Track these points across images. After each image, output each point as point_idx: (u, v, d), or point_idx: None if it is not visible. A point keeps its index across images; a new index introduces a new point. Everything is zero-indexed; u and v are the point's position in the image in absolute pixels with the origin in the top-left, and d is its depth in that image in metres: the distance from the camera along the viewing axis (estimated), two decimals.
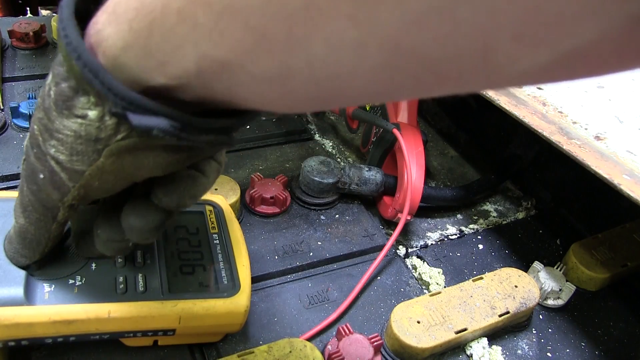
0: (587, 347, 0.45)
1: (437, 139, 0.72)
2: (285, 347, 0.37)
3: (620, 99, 0.49)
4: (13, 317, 0.31)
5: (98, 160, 0.25)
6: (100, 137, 0.24)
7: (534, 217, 0.60)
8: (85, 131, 0.24)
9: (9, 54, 0.68)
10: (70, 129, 0.24)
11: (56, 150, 0.25)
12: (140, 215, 0.29)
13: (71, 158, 0.25)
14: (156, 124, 0.23)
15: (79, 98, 0.24)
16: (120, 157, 0.25)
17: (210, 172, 0.30)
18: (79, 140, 0.25)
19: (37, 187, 0.28)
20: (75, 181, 0.26)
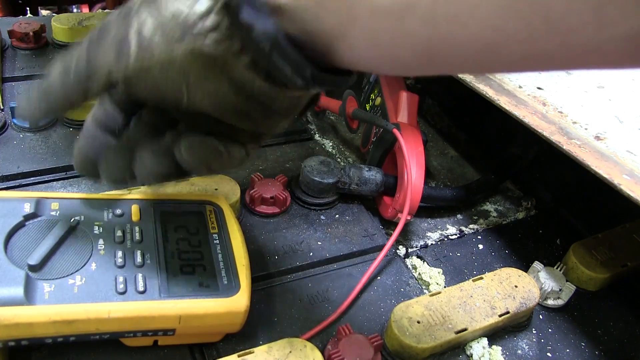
0: (587, 347, 0.45)
1: (437, 139, 0.72)
2: (285, 347, 0.37)
3: (620, 99, 0.49)
4: (13, 317, 0.31)
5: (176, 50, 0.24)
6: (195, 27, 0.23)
7: (534, 217, 0.60)
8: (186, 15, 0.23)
9: (9, 54, 0.68)
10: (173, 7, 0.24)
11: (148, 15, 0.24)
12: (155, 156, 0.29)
13: (155, 32, 0.24)
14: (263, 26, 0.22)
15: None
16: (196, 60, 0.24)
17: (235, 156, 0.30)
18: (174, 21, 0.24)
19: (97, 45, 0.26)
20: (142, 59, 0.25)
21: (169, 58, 0.24)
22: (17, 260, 0.34)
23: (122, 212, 0.40)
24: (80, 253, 0.36)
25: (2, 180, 0.51)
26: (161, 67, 0.25)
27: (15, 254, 0.34)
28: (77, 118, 0.58)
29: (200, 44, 0.23)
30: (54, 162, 0.53)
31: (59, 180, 0.52)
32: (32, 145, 0.55)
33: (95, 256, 0.36)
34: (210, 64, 0.24)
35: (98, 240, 0.37)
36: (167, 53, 0.24)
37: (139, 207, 0.40)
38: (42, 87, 0.29)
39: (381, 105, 0.59)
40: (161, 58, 0.24)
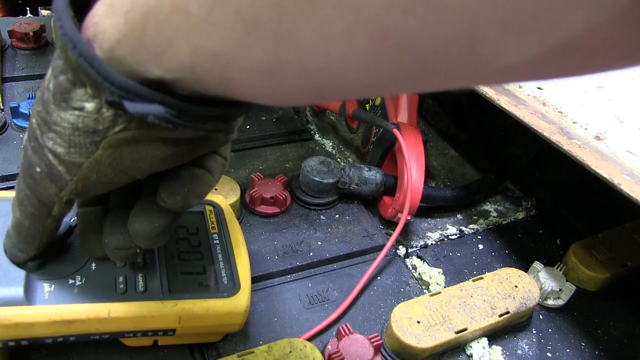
0: (587, 347, 0.45)
1: (437, 139, 0.72)
2: (285, 347, 0.37)
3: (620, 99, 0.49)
4: (13, 317, 0.31)
5: (96, 152, 0.25)
6: (97, 129, 0.24)
7: (534, 217, 0.60)
8: (83, 123, 0.24)
9: (9, 54, 0.68)
10: (68, 121, 0.24)
11: (54, 142, 0.25)
12: (145, 219, 0.29)
13: (69, 150, 0.25)
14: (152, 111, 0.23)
15: (76, 90, 0.24)
16: (118, 150, 0.25)
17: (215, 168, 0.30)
18: (77, 133, 0.24)
19: (33, 181, 0.28)
20: (73, 174, 0.26)
21: (95, 162, 0.25)
22: None
23: None
24: (80, 253, 0.36)
25: (2, 180, 0.51)
26: (95, 171, 0.26)
27: None
28: None
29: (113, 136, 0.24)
30: None
31: None
32: None
33: None
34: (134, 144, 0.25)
35: None
36: (90, 159, 0.25)
37: None
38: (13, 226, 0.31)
39: (381, 105, 0.59)
40: (89, 166, 0.25)
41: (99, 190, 0.28)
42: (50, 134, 0.25)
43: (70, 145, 0.25)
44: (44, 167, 0.27)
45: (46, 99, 0.25)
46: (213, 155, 0.30)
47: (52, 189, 0.27)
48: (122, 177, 0.27)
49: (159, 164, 0.27)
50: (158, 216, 0.29)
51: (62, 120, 0.25)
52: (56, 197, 0.28)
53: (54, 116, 0.25)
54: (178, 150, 0.26)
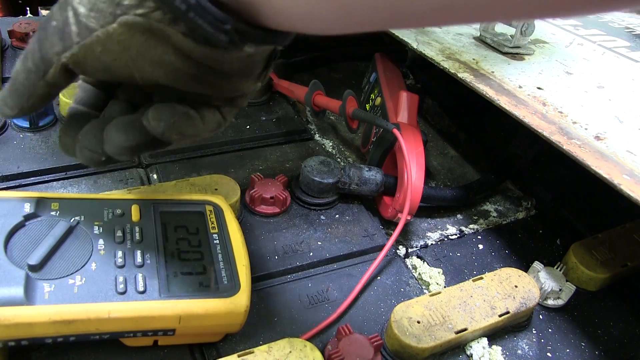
0: (587, 347, 0.45)
1: (437, 139, 0.72)
2: (285, 347, 0.37)
3: (620, 99, 0.49)
4: (13, 317, 0.31)
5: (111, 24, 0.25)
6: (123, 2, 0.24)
7: (534, 217, 0.60)
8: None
9: (9, 54, 0.68)
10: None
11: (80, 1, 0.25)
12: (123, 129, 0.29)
13: (89, 13, 0.25)
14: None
15: None
16: (131, 32, 0.25)
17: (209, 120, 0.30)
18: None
19: (44, 35, 0.27)
20: (82, 37, 0.26)
21: (106, 34, 0.25)
22: (17, 260, 0.34)
23: (122, 212, 0.40)
24: (80, 253, 0.36)
25: (2, 180, 0.51)
26: (102, 45, 0.26)
27: (15, 254, 0.34)
28: None
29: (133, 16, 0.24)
30: (54, 162, 0.53)
31: (59, 180, 0.52)
32: (32, 145, 0.55)
33: (95, 256, 0.36)
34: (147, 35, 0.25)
35: (98, 240, 0.37)
36: (103, 30, 0.25)
37: (139, 207, 0.40)
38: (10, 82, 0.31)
39: (381, 105, 0.59)
40: (100, 35, 0.25)
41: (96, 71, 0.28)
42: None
43: (93, 8, 0.25)
44: (60, 22, 0.27)
45: None
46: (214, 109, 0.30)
47: (57, 46, 0.27)
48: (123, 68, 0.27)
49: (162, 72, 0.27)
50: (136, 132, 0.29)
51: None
52: (56, 57, 0.27)
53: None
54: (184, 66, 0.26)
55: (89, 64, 0.27)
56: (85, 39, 0.26)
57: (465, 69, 0.52)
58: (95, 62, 0.27)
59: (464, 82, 0.50)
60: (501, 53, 0.56)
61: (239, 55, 0.27)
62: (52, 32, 0.27)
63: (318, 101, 0.64)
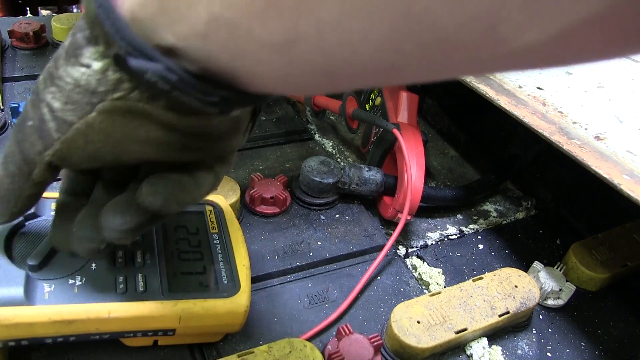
0: (587, 347, 0.45)
1: (437, 139, 0.72)
2: (285, 347, 0.37)
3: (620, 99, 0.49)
4: (13, 317, 0.31)
5: (90, 114, 0.24)
6: (98, 90, 0.24)
7: (534, 217, 0.60)
8: (86, 81, 0.24)
9: (9, 54, 0.68)
10: (72, 77, 0.24)
11: (53, 96, 0.25)
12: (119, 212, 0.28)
13: (65, 107, 0.25)
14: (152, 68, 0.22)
15: (89, 47, 0.24)
16: (112, 118, 0.24)
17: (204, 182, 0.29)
18: (77, 90, 0.24)
19: (22, 136, 0.27)
20: (62, 132, 0.25)
21: (87, 125, 0.25)
22: (17, 260, 0.34)
23: None
24: None
25: None
26: (84, 136, 0.25)
27: (15, 254, 0.34)
28: None
29: (110, 102, 0.24)
30: None
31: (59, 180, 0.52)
32: None
33: None
34: (129, 117, 0.24)
35: None
36: (82, 121, 0.24)
37: None
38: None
39: (381, 105, 0.59)
40: (80, 127, 0.25)
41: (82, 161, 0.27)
42: (51, 88, 0.25)
43: (68, 101, 0.24)
44: (36, 121, 0.26)
45: (58, 55, 0.25)
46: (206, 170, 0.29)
47: (38, 145, 0.26)
48: (109, 153, 0.26)
49: (149, 149, 0.26)
50: (133, 212, 0.28)
51: (66, 75, 0.24)
52: (39, 157, 0.27)
53: (60, 71, 0.25)
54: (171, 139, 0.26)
55: (73, 157, 0.27)
56: (66, 134, 0.25)
57: None
58: (79, 153, 0.26)
59: (464, 82, 0.50)
60: None
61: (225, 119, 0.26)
62: (30, 132, 0.26)
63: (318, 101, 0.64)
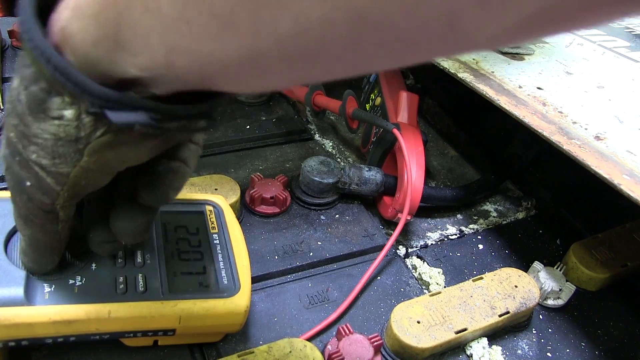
0: (587, 347, 0.45)
1: (437, 139, 0.72)
2: (285, 347, 0.37)
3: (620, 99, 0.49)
4: (13, 317, 0.31)
5: (81, 160, 0.24)
6: (80, 136, 0.23)
7: (534, 217, 0.60)
8: (65, 132, 0.23)
9: (9, 54, 0.68)
10: (49, 132, 0.24)
11: (37, 155, 0.24)
12: (127, 218, 0.30)
13: (54, 161, 0.24)
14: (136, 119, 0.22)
15: (53, 99, 0.23)
16: (102, 154, 0.24)
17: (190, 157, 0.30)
18: (60, 142, 0.24)
19: (27, 196, 0.27)
20: (62, 184, 0.25)
21: (82, 169, 0.25)
22: (17, 261, 0.34)
23: None
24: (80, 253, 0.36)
25: (2, 181, 0.51)
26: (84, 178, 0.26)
27: (15, 254, 0.34)
28: None
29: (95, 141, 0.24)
30: None
31: None
32: None
33: (95, 256, 0.36)
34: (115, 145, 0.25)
35: None
36: (77, 168, 0.25)
37: None
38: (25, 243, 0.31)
39: (381, 105, 0.59)
40: (77, 174, 0.25)
41: (88, 192, 0.28)
42: (32, 147, 0.24)
43: (54, 156, 0.24)
44: (33, 180, 0.26)
45: (21, 112, 0.24)
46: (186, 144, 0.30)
47: (46, 199, 0.27)
48: (108, 176, 0.27)
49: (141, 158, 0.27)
50: (139, 214, 0.30)
51: (42, 132, 0.24)
52: (53, 206, 0.27)
53: (33, 128, 0.24)
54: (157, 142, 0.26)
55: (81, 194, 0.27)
56: (66, 183, 0.25)
57: (465, 69, 0.52)
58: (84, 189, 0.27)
59: (464, 82, 0.50)
60: (501, 53, 0.56)
61: None
62: (32, 191, 0.26)
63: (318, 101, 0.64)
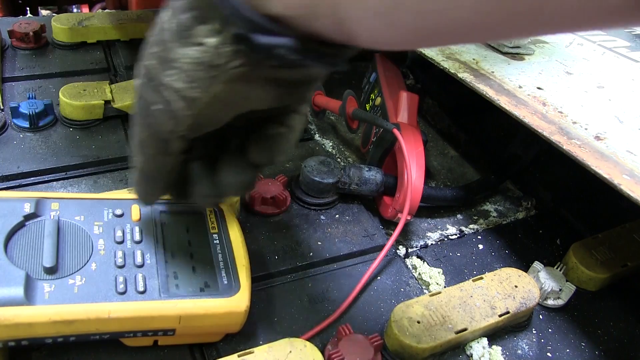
0: (587, 347, 0.45)
1: (437, 139, 0.72)
2: (285, 347, 0.37)
3: (620, 99, 0.49)
4: (13, 317, 0.31)
5: (214, 86, 0.26)
6: (217, 63, 0.25)
7: (534, 217, 0.60)
8: (204, 58, 0.25)
9: (9, 54, 0.68)
10: (189, 57, 0.26)
11: (174, 78, 0.27)
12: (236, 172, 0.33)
13: (189, 85, 0.26)
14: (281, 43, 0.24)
15: (199, 27, 0.25)
16: (233, 85, 0.26)
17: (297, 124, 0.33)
18: (198, 67, 0.26)
19: (152, 120, 0.29)
20: (191, 109, 0.27)
21: (212, 97, 0.27)
22: (17, 260, 0.34)
23: (122, 212, 0.40)
24: (80, 253, 0.36)
25: (2, 180, 0.51)
26: (210, 107, 0.28)
27: (15, 254, 0.34)
28: (77, 118, 0.58)
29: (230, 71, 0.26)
30: (54, 162, 0.53)
31: (59, 180, 0.52)
32: (32, 145, 0.55)
33: (95, 256, 0.36)
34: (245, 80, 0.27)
35: (98, 240, 0.37)
36: (208, 94, 0.27)
37: (139, 207, 0.40)
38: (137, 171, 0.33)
39: (381, 105, 0.59)
40: (207, 101, 0.27)
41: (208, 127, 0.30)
42: (170, 71, 0.26)
43: (191, 80, 0.26)
44: (163, 104, 0.28)
45: (165, 39, 0.26)
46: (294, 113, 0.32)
47: (170, 125, 0.28)
48: (229, 113, 0.29)
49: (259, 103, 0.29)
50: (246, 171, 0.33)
51: (183, 57, 0.26)
52: (172, 135, 0.29)
53: (175, 53, 0.26)
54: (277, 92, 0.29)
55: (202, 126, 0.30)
56: (194, 109, 0.27)
57: (465, 69, 0.52)
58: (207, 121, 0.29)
59: (464, 82, 0.50)
60: (501, 53, 0.56)
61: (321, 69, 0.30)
62: (159, 114, 0.28)
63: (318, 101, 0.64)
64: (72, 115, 0.58)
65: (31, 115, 0.56)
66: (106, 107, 0.58)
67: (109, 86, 0.60)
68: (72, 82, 0.60)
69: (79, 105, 0.57)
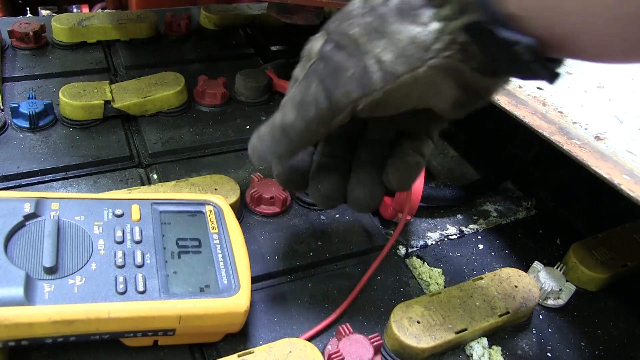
0: (587, 347, 0.45)
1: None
2: (285, 347, 0.37)
3: (620, 99, 0.49)
4: (13, 317, 0.31)
5: (419, 68, 0.26)
6: (433, 47, 0.26)
7: (534, 217, 0.60)
8: (423, 38, 0.26)
9: (9, 54, 0.68)
10: (408, 33, 0.26)
11: (382, 49, 0.27)
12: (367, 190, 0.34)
13: (397, 59, 0.27)
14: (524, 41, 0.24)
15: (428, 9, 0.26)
16: (435, 72, 0.27)
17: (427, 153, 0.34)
18: (413, 45, 0.26)
19: (335, 84, 0.29)
20: (387, 83, 0.27)
21: (413, 78, 0.27)
22: (17, 260, 0.34)
23: (122, 212, 0.40)
24: (80, 253, 0.36)
25: (2, 180, 0.51)
26: (406, 87, 0.28)
27: (15, 254, 0.34)
28: (77, 118, 0.58)
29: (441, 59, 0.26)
30: (54, 162, 0.53)
31: (59, 180, 0.52)
32: (32, 145, 0.55)
33: (95, 256, 0.36)
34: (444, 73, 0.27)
35: (98, 240, 0.37)
36: (411, 73, 0.27)
37: (139, 207, 0.41)
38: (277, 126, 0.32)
39: None
40: (407, 79, 0.27)
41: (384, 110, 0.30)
42: (380, 42, 0.27)
43: (400, 54, 0.27)
44: (357, 71, 0.28)
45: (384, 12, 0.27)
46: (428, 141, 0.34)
47: (355, 93, 0.28)
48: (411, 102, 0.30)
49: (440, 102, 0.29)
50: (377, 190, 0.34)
51: (401, 32, 0.26)
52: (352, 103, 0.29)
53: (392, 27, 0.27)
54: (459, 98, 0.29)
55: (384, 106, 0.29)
56: (391, 84, 0.27)
57: None
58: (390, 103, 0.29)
59: None
60: None
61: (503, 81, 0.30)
62: (347, 81, 0.28)
63: None
64: (72, 115, 0.58)
65: (31, 115, 0.56)
66: (106, 107, 0.58)
67: (108, 86, 0.60)
68: (72, 82, 0.60)
69: (79, 105, 0.57)
